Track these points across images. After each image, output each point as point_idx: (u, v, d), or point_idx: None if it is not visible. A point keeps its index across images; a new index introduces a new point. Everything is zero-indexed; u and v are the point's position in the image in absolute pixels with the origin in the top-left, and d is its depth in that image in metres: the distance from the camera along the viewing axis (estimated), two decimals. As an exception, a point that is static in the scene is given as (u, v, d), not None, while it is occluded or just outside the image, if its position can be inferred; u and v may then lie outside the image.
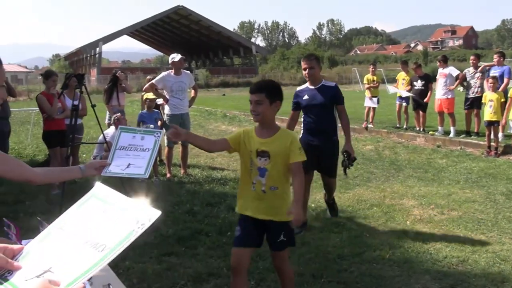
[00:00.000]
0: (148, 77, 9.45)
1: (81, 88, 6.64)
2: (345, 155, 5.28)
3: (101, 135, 7.19)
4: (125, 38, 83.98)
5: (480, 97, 10.52)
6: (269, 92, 3.21)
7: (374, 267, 4.30)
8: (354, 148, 5.50)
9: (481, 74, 10.80)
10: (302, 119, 5.47)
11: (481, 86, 10.77)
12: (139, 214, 1.14)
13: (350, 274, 4.13)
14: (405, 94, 12.27)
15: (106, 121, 8.98)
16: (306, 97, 5.25)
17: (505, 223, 5.46)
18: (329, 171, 5.46)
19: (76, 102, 6.54)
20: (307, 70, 5.15)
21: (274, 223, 3.22)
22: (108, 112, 8.86)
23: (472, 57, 11.38)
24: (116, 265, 4.23)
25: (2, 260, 1.12)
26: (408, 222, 5.57)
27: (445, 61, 11.63)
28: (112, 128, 7.90)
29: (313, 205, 6.28)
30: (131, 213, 1.16)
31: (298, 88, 5.46)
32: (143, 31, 76.98)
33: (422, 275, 4.12)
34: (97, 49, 61.22)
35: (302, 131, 5.42)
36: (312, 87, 5.25)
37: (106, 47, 68.73)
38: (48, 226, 2.09)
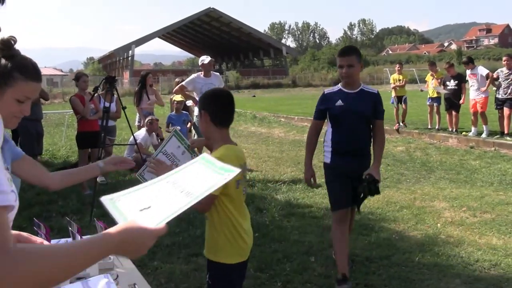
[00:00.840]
0: (177, 79, 9.57)
1: (112, 91, 6.78)
2: (367, 179, 3.81)
3: (131, 137, 7.32)
4: (157, 41, 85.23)
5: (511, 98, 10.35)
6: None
7: (403, 270, 4.24)
8: (385, 149, 4.63)
9: None
10: (325, 137, 4.23)
11: None
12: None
13: (378, 277, 4.09)
14: (443, 91, 12.03)
15: (136, 123, 9.14)
16: (340, 102, 3.92)
17: (541, 227, 5.30)
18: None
19: (107, 104, 6.67)
20: (344, 68, 3.86)
21: None
22: (138, 114, 9.01)
23: (505, 57, 11.11)
24: (145, 264, 4.31)
25: None
26: (438, 224, 5.47)
27: (467, 63, 11.44)
28: (143, 130, 8.04)
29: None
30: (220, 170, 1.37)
31: (327, 90, 4.16)
32: (174, 33, 77.96)
33: (453, 279, 4.05)
34: (130, 51, 62.26)
35: (326, 153, 4.20)
36: (349, 91, 3.95)
37: (138, 50, 69.85)
38: (75, 225, 2.20)
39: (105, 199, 1.33)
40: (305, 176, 4.26)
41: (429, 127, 12.56)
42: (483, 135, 10.87)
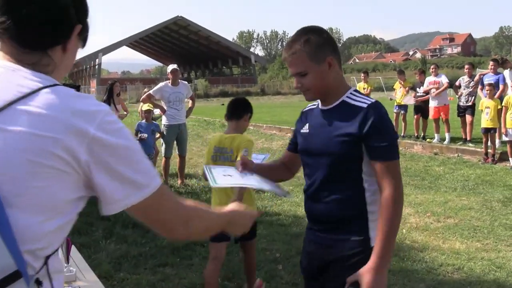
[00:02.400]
0: (145, 89, 9.47)
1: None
2: None
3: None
4: (125, 49, 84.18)
5: (473, 105, 10.76)
6: None
7: (369, 276, 4.28)
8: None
9: (475, 83, 10.90)
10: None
11: (474, 94, 10.89)
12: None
13: (345, 283, 4.12)
14: (411, 102, 12.27)
15: None
16: (305, 128, 2.24)
17: (501, 230, 5.46)
18: None
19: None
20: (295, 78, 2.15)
21: None
22: None
23: (466, 66, 11.49)
24: (111, 276, 4.24)
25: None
26: (404, 230, 5.56)
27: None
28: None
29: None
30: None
31: (308, 106, 2.36)
32: (142, 41, 77.30)
33: (417, 284, 4.12)
34: (97, 60, 61.40)
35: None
36: (323, 107, 2.19)
37: (105, 58, 68.82)
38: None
39: (205, 166, 2.44)
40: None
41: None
42: (445, 142, 11.15)
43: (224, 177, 2.21)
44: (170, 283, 4.21)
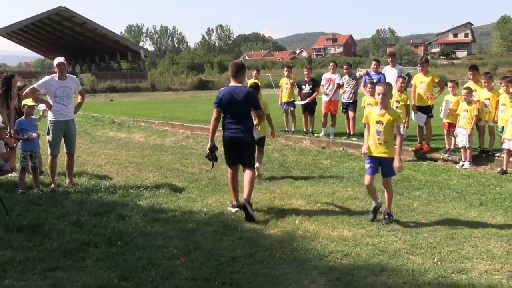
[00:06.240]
0: (19, 83, 8.71)
1: None
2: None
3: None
4: (1, 40, 77.80)
5: (354, 102, 11.65)
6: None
7: (266, 266, 4.42)
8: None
9: (355, 81, 11.65)
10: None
11: (356, 92, 11.65)
12: None
13: (242, 275, 4.21)
14: (302, 103, 12.70)
15: None
16: None
17: (383, 217, 5.91)
18: None
19: None
20: None
21: None
22: (1, 119, 8.20)
23: (345, 66, 12.29)
24: (-7, 284, 3.92)
25: None
26: (296, 221, 5.80)
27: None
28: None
29: (205, 209, 6.30)
30: None
31: None
32: (21, 32, 71.93)
33: (310, 271, 4.33)
34: (-33, 51, 56.11)
35: None
36: None
37: (-23, 49, 63.15)
38: None
39: None
40: None
41: (285, 129, 13.20)
42: (331, 136, 11.81)
43: None
44: (62, 287, 4.00)
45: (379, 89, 5.81)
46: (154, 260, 4.52)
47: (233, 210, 6.22)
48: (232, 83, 6.33)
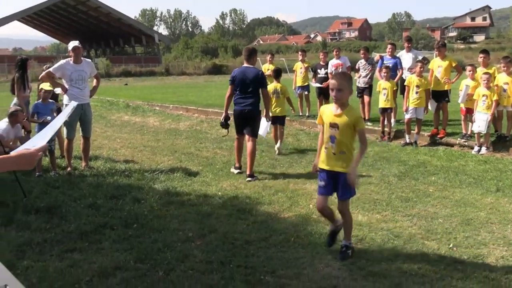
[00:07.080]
0: (44, 66, 8.90)
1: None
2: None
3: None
4: (16, 24, 78.21)
5: (370, 87, 11.38)
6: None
7: (280, 250, 4.44)
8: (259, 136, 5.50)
9: (371, 65, 11.50)
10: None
11: (371, 76, 11.49)
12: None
13: (257, 259, 4.24)
14: (317, 85, 12.63)
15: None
16: None
17: (398, 202, 5.89)
18: None
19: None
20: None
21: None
22: (18, 102, 8.32)
23: (362, 51, 12.15)
24: (13, 265, 4.00)
25: None
26: (311, 205, 5.80)
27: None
28: (4, 121, 7.32)
29: (219, 193, 6.33)
30: None
31: None
32: (36, 16, 72.25)
33: (325, 255, 4.34)
34: (-16, 35, 56.54)
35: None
36: None
37: (-6, 34, 63.63)
38: None
39: None
40: None
41: (300, 114, 13.15)
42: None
43: None
44: (79, 268, 4.06)
45: (332, 83, 4.30)
46: (169, 242, 4.56)
47: (236, 171, 7.46)
48: (245, 64, 7.52)
